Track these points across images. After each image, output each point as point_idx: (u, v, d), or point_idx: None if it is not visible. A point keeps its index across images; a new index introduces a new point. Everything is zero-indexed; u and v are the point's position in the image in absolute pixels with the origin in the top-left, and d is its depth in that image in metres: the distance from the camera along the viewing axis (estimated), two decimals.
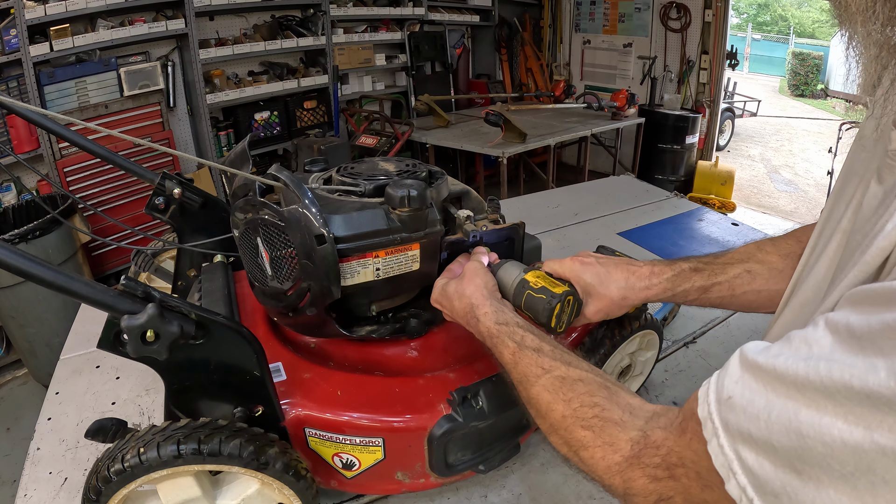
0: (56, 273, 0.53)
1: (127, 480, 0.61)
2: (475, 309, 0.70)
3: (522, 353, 0.61)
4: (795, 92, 12.77)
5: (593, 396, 0.52)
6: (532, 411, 0.58)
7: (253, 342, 0.66)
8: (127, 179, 3.10)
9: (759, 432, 0.34)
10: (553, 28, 5.76)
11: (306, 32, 3.93)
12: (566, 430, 0.52)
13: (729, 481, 0.36)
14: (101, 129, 0.72)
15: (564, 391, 0.54)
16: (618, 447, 0.47)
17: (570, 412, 0.52)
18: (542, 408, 0.56)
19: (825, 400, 0.31)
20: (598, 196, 2.12)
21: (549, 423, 0.55)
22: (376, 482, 0.80)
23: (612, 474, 0.47)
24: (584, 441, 0.50)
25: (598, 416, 0.50)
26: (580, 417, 0.51)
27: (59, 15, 2.83)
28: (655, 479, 0.44)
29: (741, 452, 0.35)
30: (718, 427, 0.37)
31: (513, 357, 0.62)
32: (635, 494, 0.45)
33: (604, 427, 0.49)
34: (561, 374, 0.56)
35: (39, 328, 2.48)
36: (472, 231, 0.81)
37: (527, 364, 0.60)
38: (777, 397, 0.34)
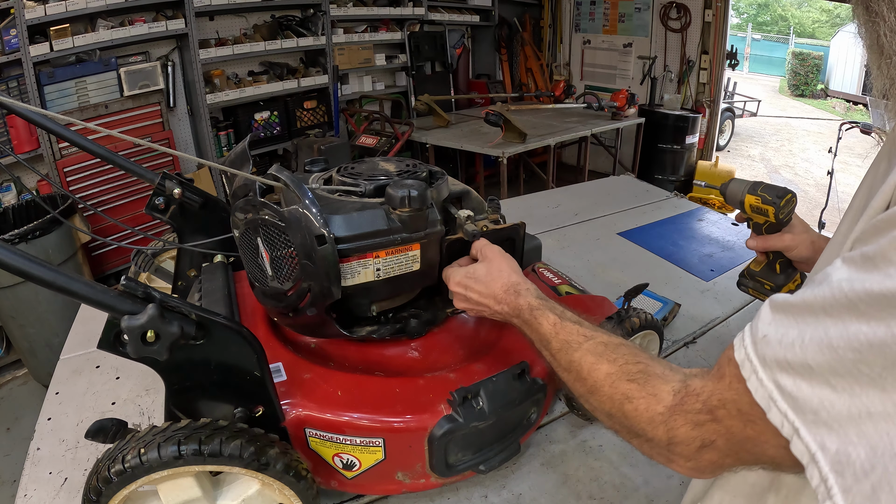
0: (56, 273, 0.53)
1: (127, 481, 0.61)
2: (516, 286, 0.73)
3: (564, 323, 0.64)
4: (795, 92, 12.77)
5: (637, 356, 0.55)
6: (570, 375, 0.60)
7: (253, 342, 0.66)
8: (127, 179, 3.09)
9: (794, 357, 0.37)
10: (553, 28, 5.76)
11: (306, 32, 3.93)
12: (611, 385, 0.53)
13: (770, 410, 0.39)
14: (101, 129, 0.72)
15: (609, 353, 0.57)
16: (661, 398, 0.49)
17: (615, 369, 0.54)
18: (585, 369, 0.57)
19: (849, 313, 0.35)
20: (598, 196, 2.12)
21: (593, 383, 0.56)
22: (377, 482, 0.80)
23: (655, 425, 0.48)
24: (629, 393, 0.51)
25: (642, 371, 0.52)
26: (626, 372, 0.53)
27: (59, 15, 2.82)
28: (698, 424, 0.45)
29: (779, 380, 0.38)
30: (756, 363, 0.40)
31: (553, 327, 0.65)
32: (679, 443, 0.46)
33: (648, 380, 0.51)
34: (603, 340, 0.59)
35: (39, 328, 2.48)
36: (472, 231, 0.81)
37: (569, 332, 0.62)
38: (808, 324, 0.38)
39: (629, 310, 0.95)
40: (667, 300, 1.32)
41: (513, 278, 0.74)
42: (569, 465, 0.91)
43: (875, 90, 0.48)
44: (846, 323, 0.35)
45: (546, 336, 0.65)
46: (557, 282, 1.08)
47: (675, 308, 1.31)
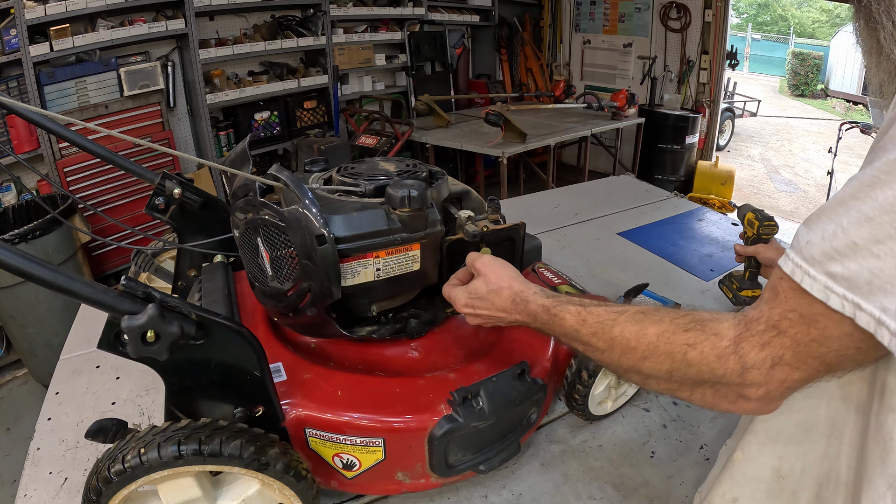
0: (56, 273, 0.53)
1: (127, 481, 0.61)
2: (521, 294, 0.71)
3: (588, 310, 0.63)
4: (795, 92, 12.76)
5: (678, 311, 0.56)
6: (615, 353, 0.59)
7: (253, 342, 0.66)
8: (127, 179, 3.09)
9: (839, 243, 0.42)
10: (553, 28, 5.76)
11: (306, 32, 3.93)
12: (667, 341, 0.53)
13: (829, 299, 0.43)
14: (101, 129, 0.72)
15: (650, 317, 0.57)
16: (723, 334, 0.50)
17: (665, 328, 0.54)
18: (632, 339, 0.57)
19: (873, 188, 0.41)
20: (598, 196, 2.12)
21: (645, 347, 0.55)
22: (377, 482, 0.80)
23: (725, 358, 0.49)
24: (689, 341, 0.52)
25: (693, 319, 0.53)
26: (678, 325, 0.53)
27: (59, 15, 2.82)
28: (765, 343, 0.47)
29: (830, 269, 0.43)
30: (805, 266, 0.44)
31: (578, 317, 0.63)
32: (751, 367, 0.48)
33: (704, 324, 0.52)
34: (639, 309, 0.59)
35: (39, 328, 2.48)
36: (472, 231, 0.81)
37: (598, 315, 0.62)
38: (841, 214, 0.43)
39: None
40: (667, 300, 1.31)
41: (514, 286, 0.72)
42: (569, 465, 0.91)
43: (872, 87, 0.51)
44: (874, 196, 0.40)
45: (573, 327, 0.64)
46: (557, 282, 1.08)
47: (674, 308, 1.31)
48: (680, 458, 0.93)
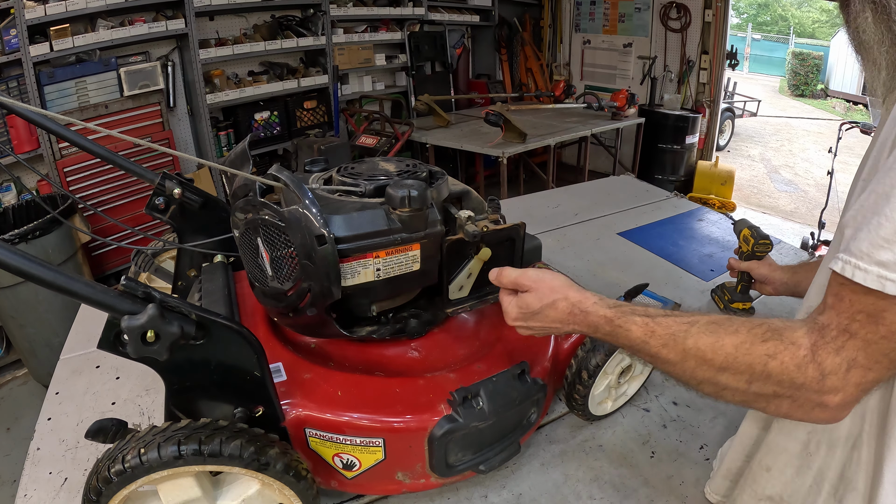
0: (56, 273, 0.53)
1: (127, 481, 0.61)
2: (580, 304, 0.69)
3: (657, 321, 0.62)
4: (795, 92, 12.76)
5: (752, 320, 0.55)
6: (689, 364, 0.58)
7: (253, 342, 0.66)
8: (127, 179, 3.09)
9: (885, 231, 0.44)
10: (553, 28, 5.75)
11: (306, 32, 3.93)
12: (746, 353, 0.53)
13: (885, 287, 0.44)
14: (101, 130, 0.72)
15: (724, 327, 0.56)
16: (800, 343, 0.51)
17: (743, 338, 0.54)
18: (708, 351, 0.56)
19: None
20: (598, 196, 2.12)
21: (723, 359, 0.55)
22: (377, 482, 0.80)
23: (804, 366, 0.50)
24: (769, 351, 0.52)
25: (769, 329, 0.53)
26: (755, 336, 0.53)
27: (59, 15, 2.82)
28: (839, 348, 0.49)
29: (880, 258, 0.44)
30: (854, 260, 0.46)
31: (646, 327, 0.62)
32: (830, 374, 0.49)
33: (781, 333, 0.52)
34: (710, 319, 0.58)
35: (39, 328, 2.48)
36: (472, 231, 0.81)
37: (667, 326, 0.60)
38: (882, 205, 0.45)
39: None
40: (667, 300, 1.32)
41: (571, 297, 0.69)
42: (569, 465, 0.91)
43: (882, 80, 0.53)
44: None
45: (640, 339, 0.62)
46: None
47: (674, 308, 1.31)
48: (680, 458, 0.93)
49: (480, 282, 0.88)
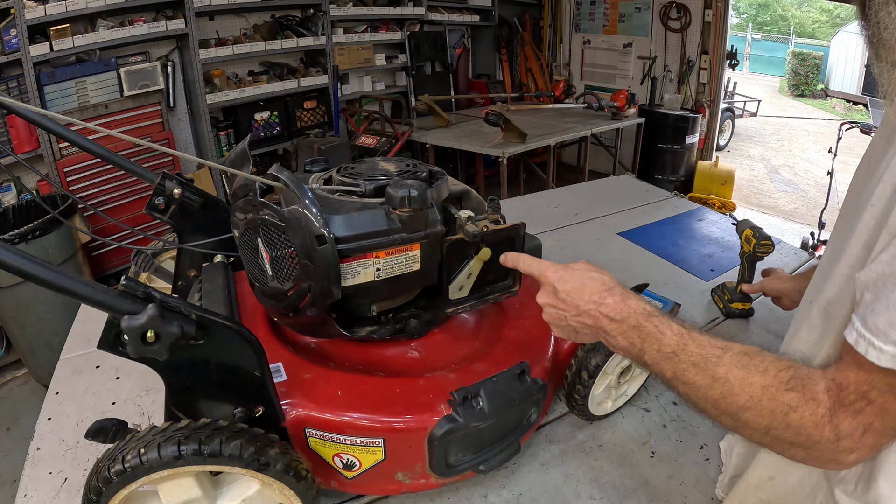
0: (56, 273, 0.53)
1: (127, 481, 0.61)
2: (622, 288, 0.65)
3: (692, 334, 0.59)
4: (795, 92, 12.76)
5: (781, 360, 0.54)
6: (716, 392, 0.55)
7: (253, 342, 0.66)
8: (127, 179, 3.09)
9: None
10: (553, 28, 5.76)
11: (306, 32, 3.93)
12: (771, 398, 0.52)
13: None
14: (101, 129, 0.72)
15: (756, 363, 0.54)
16: (819, 400, 0.50)
17: (770, 381, 0.53)
18: (736, 385, 0.54)
19: None
20: (598, 196, 2.12)
21: (748, 397, 0.53)
22: (377, 482, 0.80)
23: (822, 426, 0.50)
24: (791, 403, 0.51)
25: (794, 376, 0.52)
26: (781, 381, 0.52)
27: (59, 15, 2.82)
28: (857, 412, 0.49)
29: None
30: (870, 336, 0.46)
31: (680, 338, 0.59)
32: (845, 436, 0.49)
33: (804, 384, 0.52)
34: (742, 350, 0.56)
35: (39, 328, 2.48)
36: (472, 231, 0.81)
37: (701, 345, 0.57)
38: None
39: None
40: (667, 300, 1.31)
41: (615, 281, 0.66)
42: (569, 465, 0.91)
43: None
44: None
45: (672, 348, 0.59)
46: None
47: (675, 308, 1.31)
48: (680, 458, 0.93)
49: (480, 282, 0.88)
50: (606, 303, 0.64)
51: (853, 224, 0.55)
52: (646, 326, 0.61)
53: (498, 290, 0.89)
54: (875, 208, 0.52)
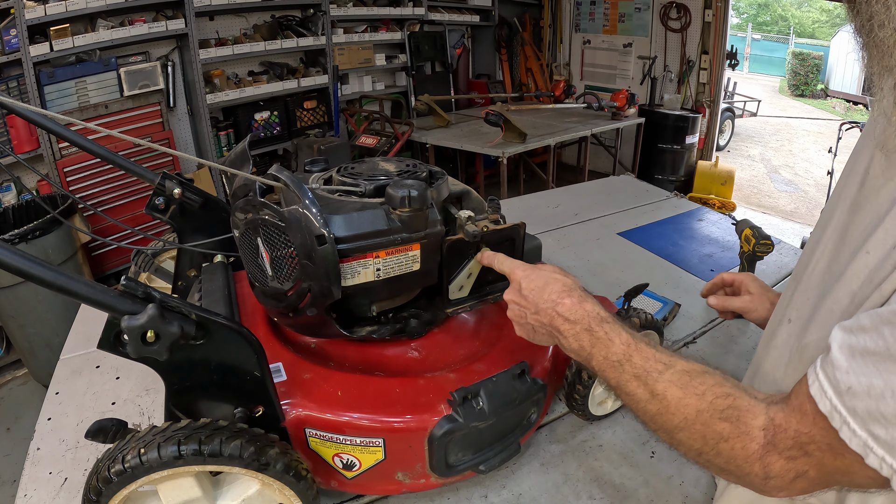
0: (56, 273, 0.53)
1: (127, 481, 0.61)
2: (582, 291, 0.67)
3: (638, 345, 0.59)
4: (795, 92, 12.76)
5: (723, 387, 0.53)
6: (653, 407, 0.56)
7: (253, 342, 0.66)
8: (127, 179, 3.09)
9: (887, 408, 0.39)
10: (553, 28, 5.76)
11: (306, 32, 3.93)
12: (704, 423, 0.52)
13: (867, 456, 0.41)
14: (101, 129, 0.72)
15: (695, 384, 0.54)
16: (753, 436, 0.49)
17: (705, 405, 0.52)
18: (673, 404, 0.54)
19: None
20: (598, 196, 2.12)
21: (682, 419, 0.53)
22: (377, 482, 0.80)
23: (752, 462, 0.49)
24: (723, 433, 0.50)
25: (731, 405, 0.51)
26: (717, 409, 0.51)
27: (59, 15, 2.83)
28: (791, 458, 0.47)
29: (874, 430, 0.40)
30: (846, 416, 0.42)
31: (627, 348, 0.59)
32: (774, 476, 0.48)
33: (739, 417, 0.50)
34: (684, 368, 0.55)
35: (39, 328, 2.48)
36: (472, 231, 0.81)
37: (645, 357, 0.58)
38: (894, 375, 0.39)
39: (629, 310, 0.95)
40: (667, 300, 1.32)
41: (577, 285, 0.68)
42: (569, 465, 0.91)
43: None
44: None
45: (618, 357, 0.59)
46: None
47: (675, 308, 1.31)
48: (680, 458, 0.93)
49: (480, 282, 0.88)
50: (563, 303, 0.65)
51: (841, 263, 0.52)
52: (597, 331, 0.62)
53: (498, 290, 0.89)
54: (870, 257, 0.48)
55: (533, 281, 0.69)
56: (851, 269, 0.50)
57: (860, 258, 0.49)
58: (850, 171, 0.56)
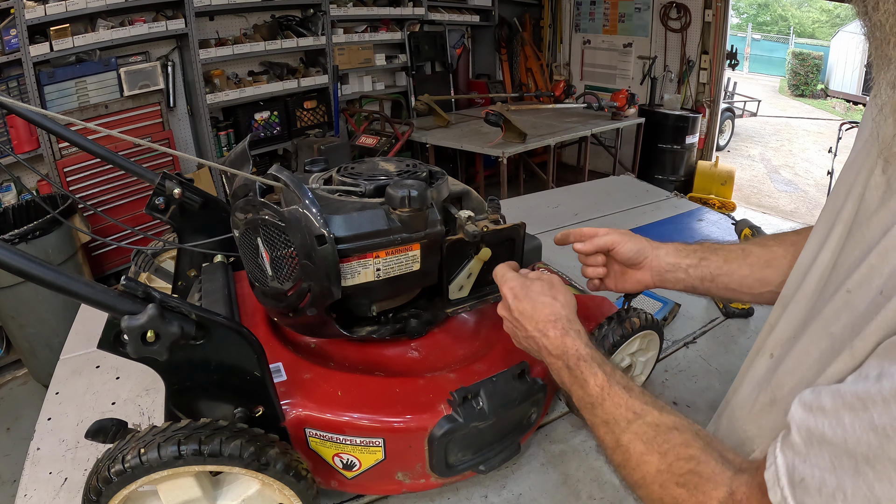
0: (56, 273, 0.53)
1: (127, 481, 0.61)
2: (568, 321, 0.66)
3: (612, 388, 0.58)
4: (795, 92, 12.77)
5: (688, 447, 0.50)
6: (617, 458, 0.55)
7: (253, 342, 0.66)
8: (127, 179, 3.10)
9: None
10: (553, 28, 5.76)
11: (306, 32, 3.93)
12: (661, 485, 0.50)
13: None
14: (101, 129, 0.72)
15: (660, 441, 0.52)
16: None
17: (665, 466, 0.50)
18: (634, 459, 0.53)
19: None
20: (598, 196, 2.12)
21: (641, 476, 0.52)
22: (377, 482, 0.80)
23: None
24: (678, 499, 0.49)
25: (692, 470, 0.49)
26: (676, 473, 0.50)
27: (59, 15, 2.83)
28: None
29: None
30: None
31: (600, 391, 0.58)
32: None
33: (698, 484, 0.48)
34: (654, 421, 0.54)
35: (39, 328, 2.48)
36: (472, 231, 0.81)
37: (616, 404, 0.56)
38: (847, 475, 0.35)
39: (629, 310, 0.95)
40: (667, 300, 1.31)
41: (565, 311, 0.67)
42: (569, 465, 0.91)
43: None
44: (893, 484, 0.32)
45: (591, 399, 0.59)
46: None
47: (675, 308, 1.31)
48: None
49: (480, 282, 0.88)
50: (548, 335, 0.66)
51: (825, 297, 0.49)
52: (574, 370, 0.62)
53: (498, 290, 0.89)
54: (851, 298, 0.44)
55: (521, 301, 0.70)
56: (830, 308, 0.47)
57: (840, 296, 0.46)
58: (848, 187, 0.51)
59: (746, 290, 0.75)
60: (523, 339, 0.70)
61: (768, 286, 0.73)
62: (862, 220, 0.47)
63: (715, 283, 0.78)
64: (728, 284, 0.77)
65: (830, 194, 0.56)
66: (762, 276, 0.74)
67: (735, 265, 0.76)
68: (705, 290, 0.80)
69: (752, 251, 0.76)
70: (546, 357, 0.67)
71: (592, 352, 0.63)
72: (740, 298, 0.78)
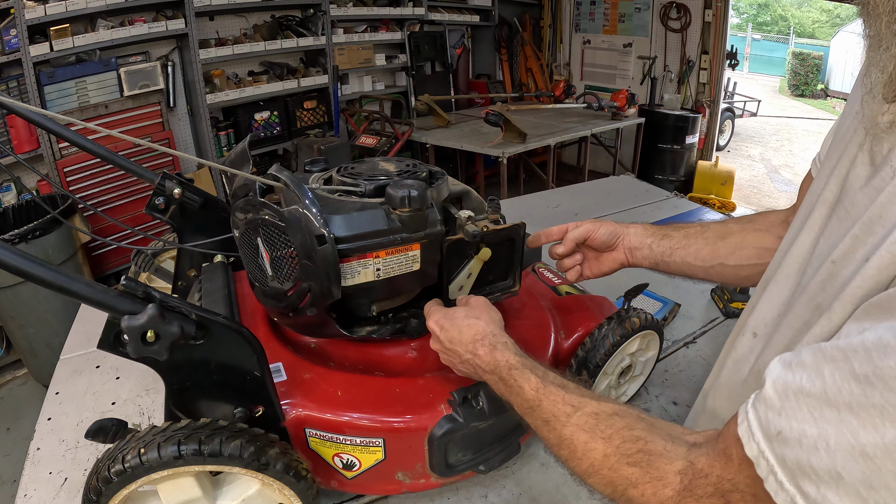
0: (56, 273, 0.53)
1: (127, 481, 0.61)
2: (493, 337, 0.67)
3: (547, 389, 0.58)
4: (795, 92, 12.76)
5: (633, 430, 0.50)
6: (564, 453, 0.54)
7: (253, 342, 0.66)
8: (127, 179, 3.10)
9: (820, 463, 0.34)
10: (553, 28, 5.76)
11: (306, 32, 3.93)
12: (610, 468, 0.49)
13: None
14: (101, 129, 0.72)
15: (602, 428, 0.51)
16: (667, 481, 0.46)
17: (612, 450, 0.50)
18: (579, 449, 0.52)
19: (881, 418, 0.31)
20: (598, 196, 2.13)
21: (589, 464, 0.51)
22: (377, 482, 0.80)
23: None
24: (631, 479, 0.48)
25: (641, 450, 0.48)
26: (624, 454, 0.49)
27: (59, 15, 2.83)
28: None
29: (803, 486, 0.35)
30: (774, 464, 0.37)
31: (536, 393, 0.58)
32: None
33: (650, 461, 0.47)
34: (593, 410, 0.53)
35: (39, 328, 2.48)
36: (472, 231, 0.81)
37: (553, 402, 0.56)
38: (829, 422, 0.34)
39: (629, 310, 0.95)
40: (667, 300, 1.32)
41: (489, 328, 0.69)
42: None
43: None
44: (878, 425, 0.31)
45: (529, 403, 0.59)
46: (557, 282, 1.08)
47: (675, 308, 1.31)
48: None
49: (480, 282, 0.88)
50: (478, 354, 0.67)
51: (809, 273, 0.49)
52: (508, 381, 0.62)
53: (498, 291, 0.89)
54: (836, 267, 0.44)
55: (448, 331, 0.71)
56: (816, 281, 0.46)
57: (825, 267, 0.45)
58: (830, 171, 0.52)
59: (700, 262, 0.79)
60: (460, 364, 0.71)
61: (718, 258, 0.78)
62: (846, 199, 0.48)
63: (673, 258, 0.82)
64: (684, 258, 0.81)
65: (814, 181, 0.57)
66: (714, 249, 0.79)
67: (692, 240, 0.81)
68: (665, 265, 0.84)
69: (710, 227, 0.82)
70: (483, 375, 0.68)
71: (523, 359, 0.64)
72: (695, 273, 0.82)
